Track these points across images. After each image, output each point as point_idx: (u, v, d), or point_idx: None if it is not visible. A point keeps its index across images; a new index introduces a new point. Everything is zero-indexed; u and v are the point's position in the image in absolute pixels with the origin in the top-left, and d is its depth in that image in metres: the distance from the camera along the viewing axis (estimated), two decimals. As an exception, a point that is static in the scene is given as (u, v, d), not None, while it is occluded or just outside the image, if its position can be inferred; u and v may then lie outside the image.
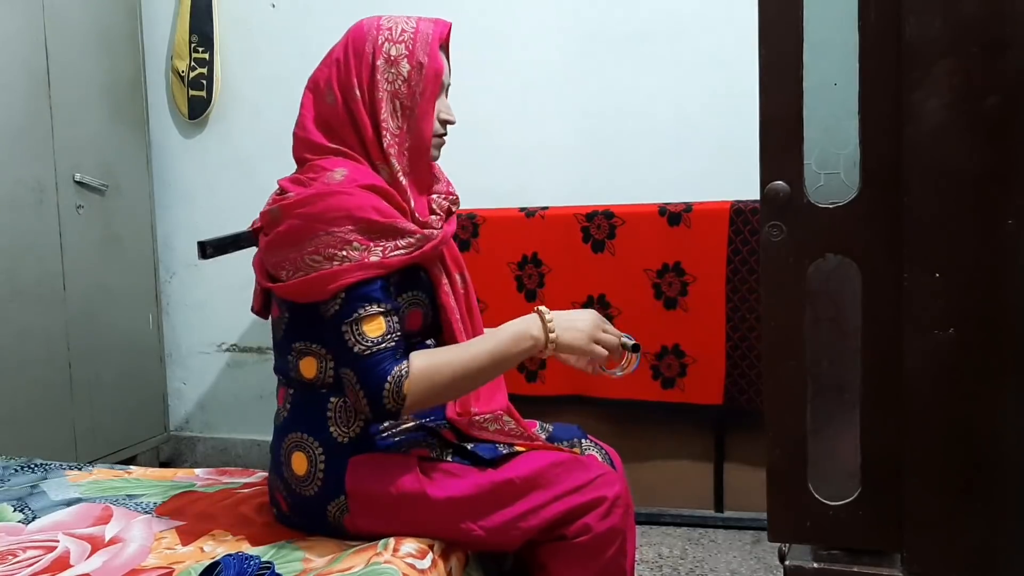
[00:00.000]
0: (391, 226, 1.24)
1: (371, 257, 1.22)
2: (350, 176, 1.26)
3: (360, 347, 1.21)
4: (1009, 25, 0.90)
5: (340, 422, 1.31)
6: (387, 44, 1.32)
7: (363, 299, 1.22)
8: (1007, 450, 0.96)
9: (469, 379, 1.28)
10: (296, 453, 1.33)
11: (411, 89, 1.31)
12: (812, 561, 1.07)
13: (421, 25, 1.34)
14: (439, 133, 1.36)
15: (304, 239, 1.23)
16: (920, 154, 0.95)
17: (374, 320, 1.22)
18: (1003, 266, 0.94)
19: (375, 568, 1.17)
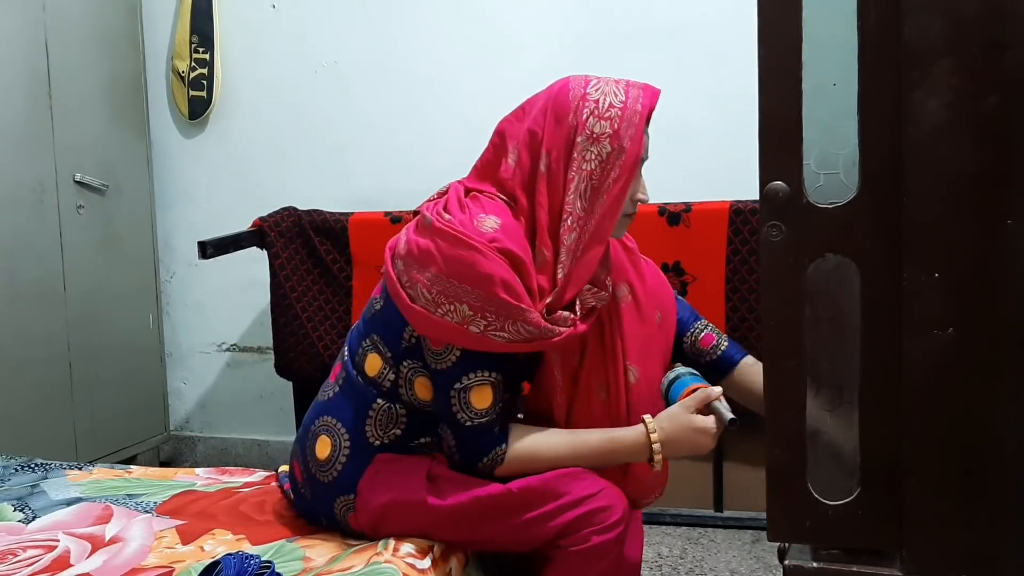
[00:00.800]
0: (513, 308, 1.18)
1: (471, 327, 1.18)
2: (500, 232, 1.20)
3: (463, 416, 1.23)
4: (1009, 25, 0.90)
5: (379, 425, 1.31)
6: (591, 119, 1.25)
7: (471, 363, 1.21)
8: (1007, 450, 0.96)
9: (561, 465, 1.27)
10: (323, 437, 1.33)
11: (605, 172, 1.24)
12: (811, 560, 1.07)
13: (630, 99, 1.29)
14: (629, 212, 1.32)
15: (426, 268, 1.20)
16: (920, 154, 0.95)
17: (482, 390, 1.22)
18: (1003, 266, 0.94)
19: (375, 568, 1.17)
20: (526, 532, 1.26)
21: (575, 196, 1.23)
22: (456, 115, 2.78)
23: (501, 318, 1.18)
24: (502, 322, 1.18)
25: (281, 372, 2.65)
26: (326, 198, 2.73)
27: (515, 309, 1.18)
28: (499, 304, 1.18)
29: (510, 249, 1.20)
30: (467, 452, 1.25)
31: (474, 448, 1.24)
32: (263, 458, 3.00)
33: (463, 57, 2.77)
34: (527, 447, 1.25)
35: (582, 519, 1.25)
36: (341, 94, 2.85)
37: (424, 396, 1.29)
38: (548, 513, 1.25)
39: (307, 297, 2.60)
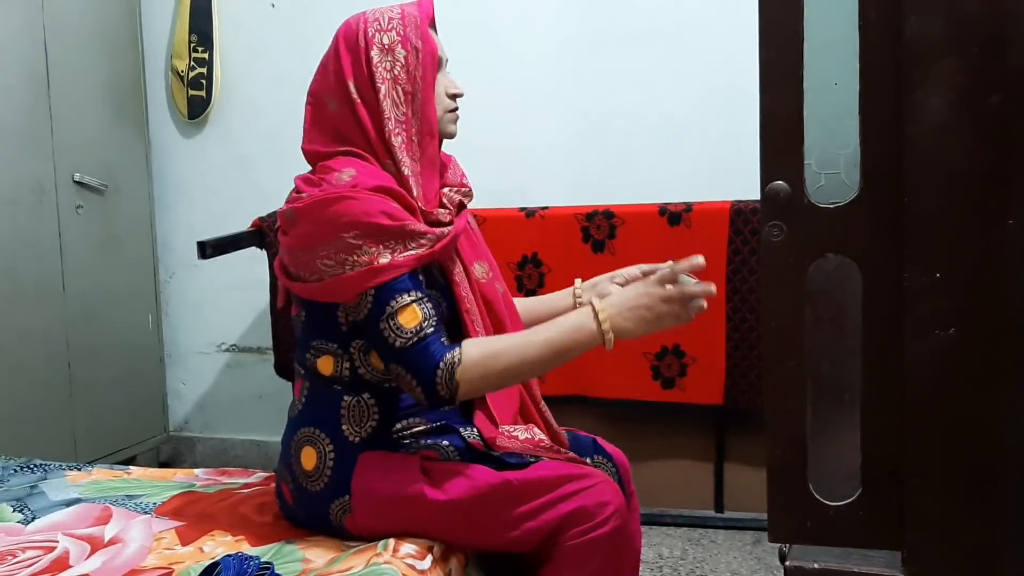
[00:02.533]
0: (400, 229, 1.24)
1: (380, 259, 1.22)
2: (357, 176, 1.26)
3: (401, 340, 1.22)
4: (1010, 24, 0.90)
5: (353, 420, 1.31)
6: (378, 34, 1.32)
7: (391, 292, 1.23)
8: (1007, 450, 0.96)
9: (526, 368, 1.26)
10: (306, 448, 1.33)
11: (410, 74, 1.30)
12: (812, 561, 1.07)
13: (406, 10, 1.34)
14: (450, 108, 1.37)
15: (315, 244, 1.25)
16: (921, 154, 0.95)
17: (407, 310, 1.22)
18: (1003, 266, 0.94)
19: (375, 569, 1.17)
20: (522, 525, 1.26)
21: (391, 104, 1.30)
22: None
23: (395, 240, 1.23)
24: (399, 244, 1.23)
25: (281, 372, 2.65)
26: (326, 198, 2.72)
27: (400, 230, 1.23)
28: (386, 231, 1.23)
29: (375, 184, 1.25)
30: (420, 374, 1.22)
31: (424, 366, 1.21)
32: (263, 459, 2.99)
33: (462, 56, 2.76)
34: (479, 348, 1.24)
35: (577, 513, 1.26)
36: (341, 94, 2.84)
37: (382, 365, 1.30)
38: (544, 504, 1.26)
39: (307, 297, 2.60)
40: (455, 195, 1.37)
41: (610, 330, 1.23)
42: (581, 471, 1.31)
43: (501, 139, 2.73)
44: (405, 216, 1.25)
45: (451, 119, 1.38)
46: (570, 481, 1.28)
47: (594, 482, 1.29)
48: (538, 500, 1.26)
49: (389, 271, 1.22)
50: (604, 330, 1.23)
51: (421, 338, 1.22)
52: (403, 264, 1.23)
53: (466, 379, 1.22)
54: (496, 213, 2.52)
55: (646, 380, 2.41)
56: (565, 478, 1.28)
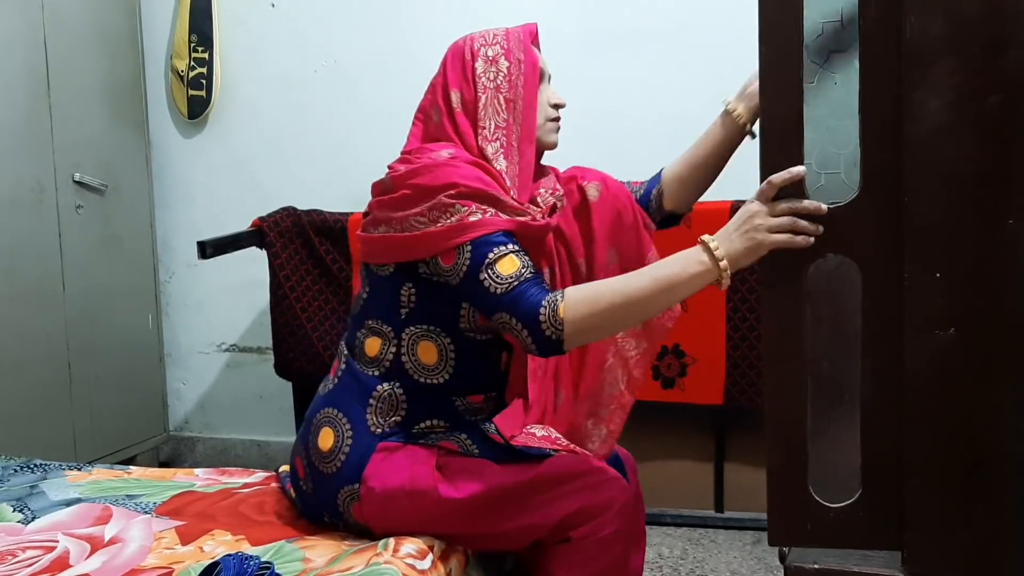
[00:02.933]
0: (494, 196, 1.27)
1: (472, 217, 1.24)
2: (456, 155, 1.31)
3: (501, 287, 1.22)
4: (1010, 25, 0.90)
5: (379, 411, 1.33)
6: (483, 48, 1.41)
7: (487, 244, 1.23)
8: (1007, 450, 0.96)
9: (634, 305, 1.21)
10: (325, 428, 1.34)
11: (512, 83, 1.37)
12: (812, 561, 1.07)
13: (511, 30, 1.45)
14: (552, 117, 1.45)
15: (411, 204, 1.28)
16: (920, 154, 0.95)
17: (504, 259, 1.23)
18: (1003, 266, 0.94)
19: (375, 568, 1.17)
20: (526, 518, 1.27)
21: (491, 111, 1.35)
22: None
23: (488, 203, 1.26)
24: (492, 207, 1.26)
25: (281, 372, 2.65)
26: (326, 198, 2.73)
27: (495, 196, 1.27)
28: (481, 193, 1.26)
29: (473, 159, 1.31)
30: (523, 314, 1.20)
31: (526, 305, 1.20)
32: (263, 458, 2.99)
33: (463, 57, 2.77)
34: (582, 288, 1.23)
35: (582, 511, 1.26)
36: (341, 94, 2.85)
37: (428, 359, 1.33)
38: (550, 499, 1.26)
39: (307, 297, 2.60)
40: (549, 197, 1.42)
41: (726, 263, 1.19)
42: (592, 467, 1.31)
43: (501, 139, 2.73)
44: (499, 188, 1.30)
45: (552, 128, 1.46)
46: (580, 477, 1.29)
47: (602, 479, 1.29)
48: (545, 494, 1.27)
49: (484, 226, 1.24)
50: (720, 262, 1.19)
51: (522, 282, 1.21)
52: (497, 222, 1.25)
53: (571, 316, 1.18)
54: (496, 213, 2.52)
55: (646, 380, 2.40)
56: (575, 474, 1.29)
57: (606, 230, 1.49)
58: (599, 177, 1.57)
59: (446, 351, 1.33)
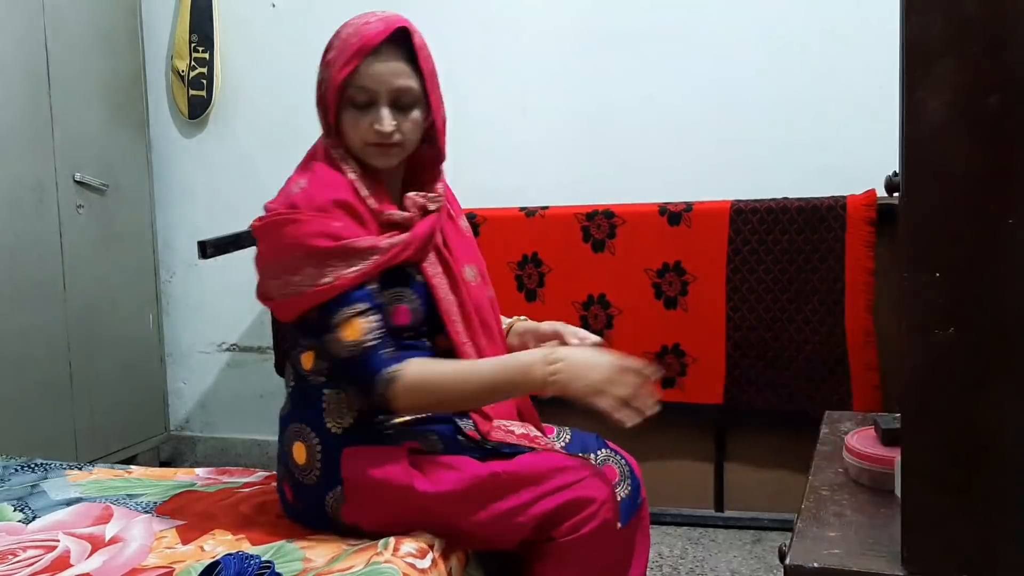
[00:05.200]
0: (342, 249, 1.24)
1: (321, 280, 1.23)
2: (306, 189, 1.28)
3: (344, 351, 1.25)
4: (1010, 24, 0.90)
5: (334, 413, 1.32)
6: (330, 49, 1.33)
7: (334, 307, 1.24)
8: (1007, 450, 0.96)
9: (461, 402, 1.30)
10: (296, 443, 1.35)
11: (322, 98, 1.32)
12: (812, 561, 1.07)
13: (362, 31, 1.30)
14: (369, 142, 1.31)
15: (266, 266, 1.30)
16: (921, 153, 0.95)
17: (348, 324, 1.24)
18: (1003, 266, 0.94)
19: (375, 568, 1.17)
20: (511, 519, 1.26)
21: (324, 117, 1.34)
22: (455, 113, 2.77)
23: (337, 259, 1.24)
24: (341, 263, 1.24)
25: (281, 372, 2.65)
26: (326, 198, 2.73)
27: (342, 250, 1.24)
28: (326, 253, 1.23)
29: (319, 202, 1.26)
30: (358, 381, 1.25)
31: (363, 375, 1.24)
32: (263, 458, 3.00)
33: (462, 55, 2.77)
34: (420, 371, 1.25)
35: (566, 507, 1.26)
36: (341, 94, 2.84)
37: None
38: (532, 499, 1.26)
39: (307, 297, 2.60)
40: (419, 198, 1.35)
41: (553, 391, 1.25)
42: (571, 463, 1.31)
43: (501, 139, 2.73)
44: (349, 233, 1.25)
45: (373, 152, 1.32)
46: (559, 473, 1.28)
47: (583, 475, 1.29)
48: (526, 494, 1.27)
49: (329, 292, 1.23)
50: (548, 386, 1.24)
51: (364, 349, 1.23)
52: (344, 283, 1.23)
53: (400, 398, 1.24)
54: (496, 213, 2.52)
55: (646, 380, 2.41)
56: (554, 471, 1.29)
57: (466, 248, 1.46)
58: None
59: None
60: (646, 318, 2.40)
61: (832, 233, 2.24)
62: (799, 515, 1.22)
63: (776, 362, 2.31)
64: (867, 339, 2.22)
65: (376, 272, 1.26)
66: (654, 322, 2.39)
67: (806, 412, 2.27)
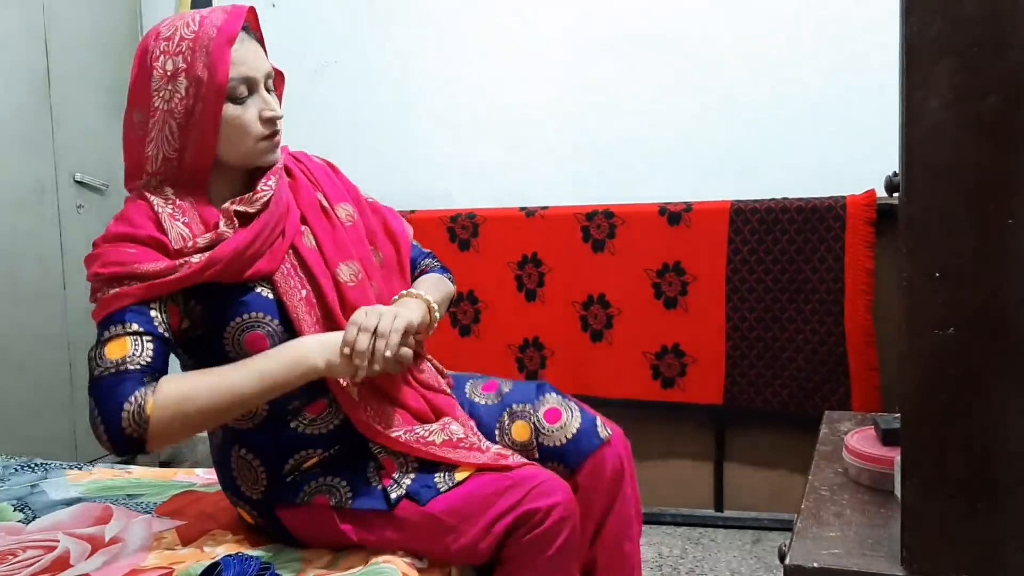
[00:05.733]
0: (129, 273, 1.14)
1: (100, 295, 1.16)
2: (115, 224, 1.21)
3: (99, 369, 1.10)
4: (1009, 25, 0.90)
5: (248, 480, 1.29)
6: (163, 57, 1.20)
7: (108, 323, 1.13)
8: (1007, 449, 0.96)
9: (234, 404, 1.15)
10: (239, 509, 1.36)
11: (187, 108, 1.19)
12: (812, 561, 1.07)
13: (205, 25, 1.19)
14: (261, 136, 1.22)
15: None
16: (920, 154, 0.95)
17: (117, 341, 1.12)
18: (1003, 266, 0.94)
19: (375, 568, 1.17)
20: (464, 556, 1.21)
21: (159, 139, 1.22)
22: (456, 114, 2.78)
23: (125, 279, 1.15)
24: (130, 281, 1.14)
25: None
26: (326, 198, 2.73)
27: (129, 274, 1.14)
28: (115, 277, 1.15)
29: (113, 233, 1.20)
30: (107, 406, 1.08)
31: (115, 397, 1.08)
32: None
33: (463, 56, 2.77)
34: (179, 381, 1.13)
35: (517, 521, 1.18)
36: (341, 94, 2.85)
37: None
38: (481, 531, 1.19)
39: (307, 297, 2.60)
40: (232, 207, 1.22)
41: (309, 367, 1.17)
42: (511, 480, 1.20)
43: (501, 139, 2.73)
44: (138, 260, 1.16)
45: (265, 148, 1.23)
46: (502, 496, 1.19)
47: (528, 489, 1.19)
48: (471, 531, 1.18)
49: (110, 303, 1.14)
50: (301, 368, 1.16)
51: (121, 371, 1.09)
52: (127, 294, 1.14)
53: (158, 415, 1.09)
54: (496, 213, 2.52)
55: (646, 379, 2.41)
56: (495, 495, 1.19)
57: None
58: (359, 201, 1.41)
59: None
60: (646, 318, 2.40)
61: (832, 233, 2.24)
62: (799, 515, 1.22)
63: (776, 362, 2.31)
64: (867, 339, 2.22)
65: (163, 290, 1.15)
66: (654, 322, 2.39)
67: (806, 412, 2.27)
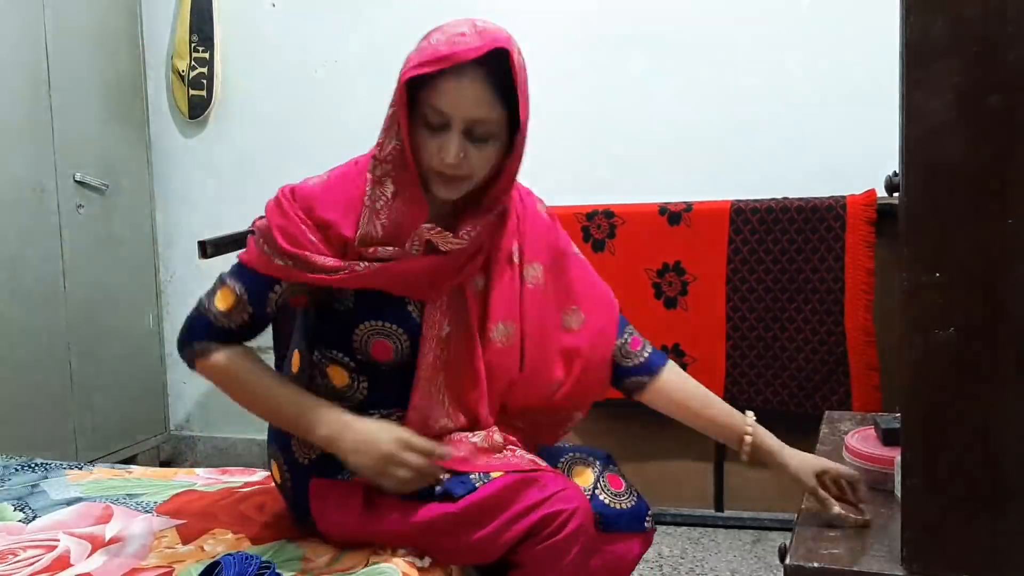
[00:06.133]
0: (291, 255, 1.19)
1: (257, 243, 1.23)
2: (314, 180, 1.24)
3: (204, 300, 1.25)
4: (1010, 25, 0.90)
5: (303, 443, 1.29)
6: (415, 50, 1.18)
7: (239, 274, 1.24)
8: (1007, 449, 0.96)
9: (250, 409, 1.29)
10: (273, 462, 1.37)
11: (394, 105, 1.18)
12: (812, 561, 1.07)
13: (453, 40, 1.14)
14: (435, 170, 1.18)
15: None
16: (921, 153, 0.95)
17: (228, 295, 1.23)
18: (1003, 266, 0.94)
19: (375, 568, 1.17)
20: (479, 549, 1.21)
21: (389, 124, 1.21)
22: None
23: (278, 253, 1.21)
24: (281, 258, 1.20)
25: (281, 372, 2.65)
26: (326, 198, 2.73)
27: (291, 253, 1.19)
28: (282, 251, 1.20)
29: (300, 194, 1.22)
30: (182, 337, 1.26)
31: (188, 333, 1.26)
32: (263, 457, 2.98)
33: (463, 57, 2.77)
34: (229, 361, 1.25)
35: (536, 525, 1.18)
36: (342, 94, 2.85)
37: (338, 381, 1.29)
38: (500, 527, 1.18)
39: (307, 297, 2.60)
40: (426, 234, 1.20)
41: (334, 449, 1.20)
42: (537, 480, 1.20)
43: (501, 139, 2.73)
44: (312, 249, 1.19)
45: (436, 181, 1.19)
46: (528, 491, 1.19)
47: (553, 491, 1.19)
48: (492, 524, 1.18)
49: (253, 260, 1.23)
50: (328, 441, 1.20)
51: (210, 315, 1.23)
52: (273, 267, 1.20)
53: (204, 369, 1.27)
54: (496, 213, 2.52)
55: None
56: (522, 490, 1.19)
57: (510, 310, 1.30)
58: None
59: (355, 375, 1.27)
60: (646, 318, 2.39)
61: (832, 233, 2.24)
62: (799, 515, 1.22)
63: (776, 362, 2.31)
64: (867, 339, 2.22)
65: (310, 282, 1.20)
66: (654, 322, 2.39)
67: (806, 412, 2.27)
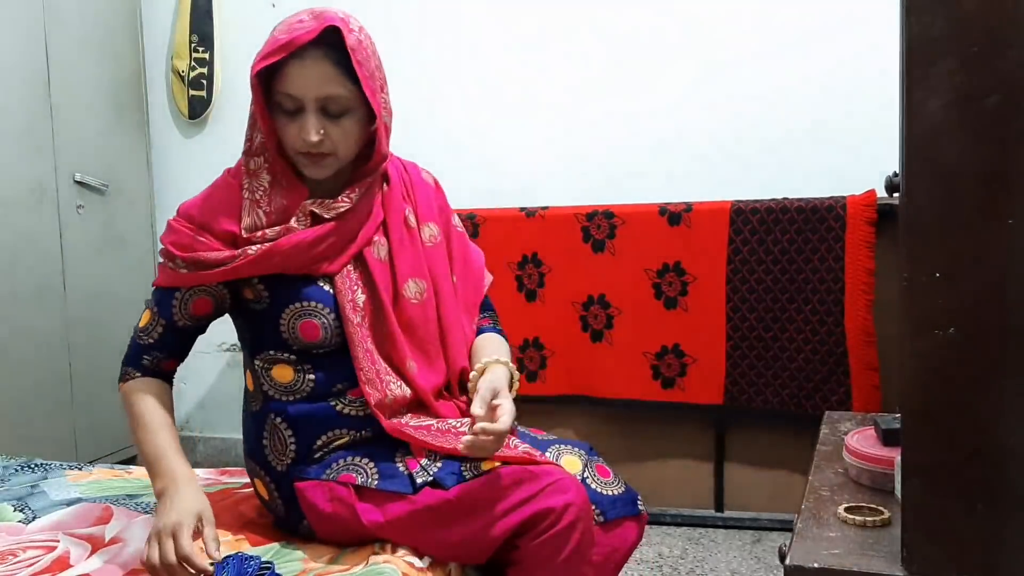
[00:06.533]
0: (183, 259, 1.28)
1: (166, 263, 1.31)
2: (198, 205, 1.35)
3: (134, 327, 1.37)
4: (1010, 25, 0.90)
5: (276, 450, 1.30)
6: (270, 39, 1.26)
7: (151, 296, 1.34)
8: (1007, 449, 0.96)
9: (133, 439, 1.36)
10: (255, 480, 1.36)
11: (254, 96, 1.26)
12: (812, 561, 1.07)
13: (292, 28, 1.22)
14: (299, 151, 1.24)
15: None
16: (921, 153, 0.95)
17: (145, 313, 1.35)
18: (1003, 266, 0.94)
19: (375, 568, 1.17)
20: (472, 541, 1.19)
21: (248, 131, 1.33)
22: (456, 114, 2.78)
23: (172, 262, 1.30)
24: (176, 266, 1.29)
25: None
26: (326, 198, 2.73)
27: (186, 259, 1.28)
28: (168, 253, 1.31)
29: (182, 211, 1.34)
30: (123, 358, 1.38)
31: (125, 352, 1.37)
32: (263, 458, 2.99)
33: (462, 57, 2.77)
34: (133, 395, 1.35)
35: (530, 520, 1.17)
36: (341, 94, 2.84)
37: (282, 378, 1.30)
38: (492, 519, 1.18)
39: (307, 297, 2.60)
40: (309, 207, 1.27)
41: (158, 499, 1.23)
42: (530, 473, 1.20)
43: (501, 139, 2.73)
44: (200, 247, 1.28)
45: (304, 162, 1.25)
46: (520, 486, 1.18)
47: (545, 484, 1.18)
48: (484, 516, 1.18)
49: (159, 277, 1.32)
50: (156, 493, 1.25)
51: (132, 340, 1.36)
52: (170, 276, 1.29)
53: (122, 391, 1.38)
54: (496, 213, 2.52)
55: (646, 380, 2.41)
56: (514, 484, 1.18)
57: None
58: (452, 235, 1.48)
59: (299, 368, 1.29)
60: (646, 318, 2.40)
61: (832, 233, 2.24)
62: (799, 515, 1.22)
63: (776, 362, 2.31)
64: (867, 339, 2.22)
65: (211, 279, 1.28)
66: (654, 322, 2.39)
67: (806, 412, 2.27)
